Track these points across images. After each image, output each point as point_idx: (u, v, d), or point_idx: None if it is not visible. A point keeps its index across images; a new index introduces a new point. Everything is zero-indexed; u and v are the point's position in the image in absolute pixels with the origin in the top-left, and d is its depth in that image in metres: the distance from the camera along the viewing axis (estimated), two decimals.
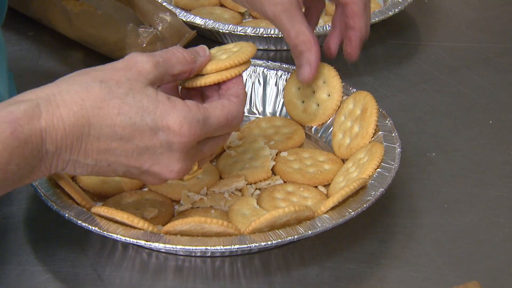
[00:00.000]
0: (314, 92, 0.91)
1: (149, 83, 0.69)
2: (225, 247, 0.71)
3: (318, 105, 0.91)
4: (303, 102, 0.91)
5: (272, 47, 1.07)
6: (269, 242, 0.72)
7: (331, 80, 0.90)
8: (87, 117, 0.66)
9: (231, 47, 0.78)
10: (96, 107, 0.66)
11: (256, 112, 0.94)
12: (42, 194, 0.76)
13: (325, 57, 0.90)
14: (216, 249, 0.71)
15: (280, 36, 1.03)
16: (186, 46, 1.00)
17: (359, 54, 0.87)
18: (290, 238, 0.72)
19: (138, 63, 0.70)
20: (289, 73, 0.93)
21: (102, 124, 0.67)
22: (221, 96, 0.75)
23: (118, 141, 0.67)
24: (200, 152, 0.72)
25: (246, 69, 0.76)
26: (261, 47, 1.07)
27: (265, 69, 0.95)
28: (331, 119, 0.90)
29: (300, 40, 0.84)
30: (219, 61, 0.75)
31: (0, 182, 0.64)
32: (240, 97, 0.74)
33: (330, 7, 1.13)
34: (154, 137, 0.68)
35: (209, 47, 0.76)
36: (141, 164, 0.69)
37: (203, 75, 0.75)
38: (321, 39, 1.06)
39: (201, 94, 0.76)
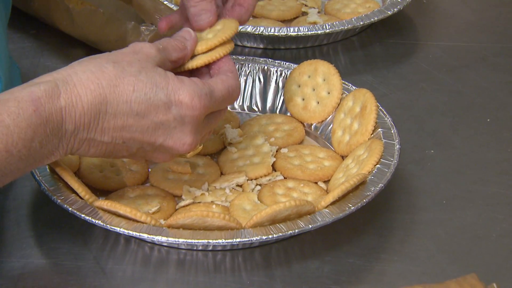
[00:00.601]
0: (314, 89, 0.92)
1: (156, 64, 0.72)
2: (226, 241, 0.72)
3: (318, 103, 0.92)
4: (303, 99, 0.92)
5: (271, 46, 1.08)
6: (270, 236, 0.73)
7: (331, 78, 0.91)
8: (104, 94, 0.69)
9: (215, 25, 0.80)
10: (112, 85, 0.69)
11: (257, 109, 0.95)
12: (46, 188, 0.76)
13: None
14: (218, 243, 0.72)
15: (280, 34, 1.04)
16: None
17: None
18: (291, 232, 0.73)
19: (144, 48, 0.73)
20: (289, 71, 0.94)
21: (119, 101, 0.69)
22: (213, 75, 0.78)
23: (134, 117, 0.70)
24: (206, 126, 0.75)
25: (232, 49, 0.79)
26: (261, 46, 1.08)
27: (266, 67, 0.96)
28: (330, 116, 0.91)
29: None
30: (207, 41, 0.78)
31: (25, 160, 0.66)
32: (234, 72, 0.77)
33: (329, 6, 1.14)
34: (168, 111, 0.71)
35: None
36: (155, 139, 0.72)
37: (192, 57, 0.78)
38: (321, 38, 1.07)
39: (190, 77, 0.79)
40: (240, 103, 0.96)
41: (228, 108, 0.93)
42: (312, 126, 0.92)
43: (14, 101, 0.66)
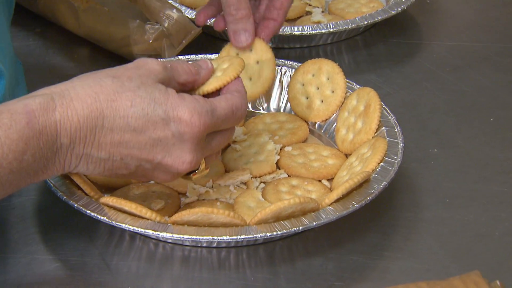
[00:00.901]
0: (318, 88, 0.92)
1: (158, 81, 0.71)
2: (231, 237, 0.73)
3: (322, 102, 0.92)
4: (307, 98, 0.93)
5: (274, 45, 1.09)
6: (275, 233, 0.73)
7: (335, 77, 0.91)
8: (101, 109, 0.68)
9: (222, 62, 0.81)
10: (109, 99, 0.68)
11: (261, 108, 0.96)
12: (52, 185, 0.77)
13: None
14: (223, 239, 0.73)
15: (284, 34, 1.05)
16: (192, 43, 1.02)
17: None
18: (295, 229, 0.74)
19: (148, 64, 0.72)
20: (293, 70, 0.95)
21: (116, 115, 0.68)
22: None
23: (131, 132, 0.69)
24: (208, 146, 0.74)
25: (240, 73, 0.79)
26: None
27: None
28: (334, 115, 0.92)
29: (238, 7, 0.87)
30: (217, 79, 0.78)
31: (16, 173, 0.66)
32: (241, 92, 0.76)
33: (333, 6, 1.15)
34: (166, 128, 0.70)
35: (214, 45, 0.79)
36: (153, 156, 0.71)
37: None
38: (325, 37, 1.08)
39: None
40: None
41: None
42: (316, 125, 0.93)
43: (7, 113, 0.65)
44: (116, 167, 0.71)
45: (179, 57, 0.97)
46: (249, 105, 0.96)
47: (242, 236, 0.73)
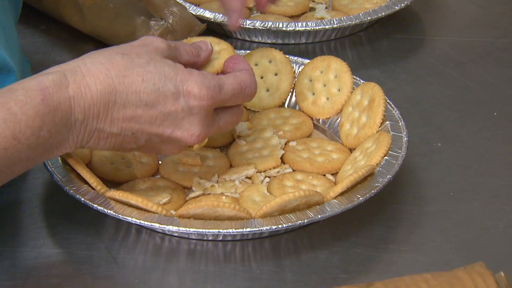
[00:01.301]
0: (325, 85, 0.93)
1: (165, 58, 0.73)
2: (237, 230, 0.73)
3: (328, 99, 0.93)
4: (313, 94, 0.93)
5: (280, 41, 1.09)
6: (280, 226, 0.74)
7: (342, 75, 0.92)
8: (113, 85, 0.70)
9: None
10: (121, 75, 0.70)
11: None
12: (58, 179, 0.78)
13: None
14: (228, 232, 0.73)
15: (288, 29, 1.05)
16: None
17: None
18: (300, 222, 0.74)
19: (154, 42, 0.74)
20: (299, 65, 0.95)
21: (128, 91, 0.70)
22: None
23: (143, 107, 0.71)
24: (216, 123, 0.76)
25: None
26: (269, 41, 1.09)
27: None
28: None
29: None
30: (213, 63, 0.82)
31: (34, 149, 0.67)
32: (248, 69, 0.78)
33: (337, 2, 1.15)
34: (176, 102, 0.72)
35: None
36: (163, 130, 0.72)
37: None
38: (328, 33, 1.08)
39: None
40: None
41: None
42: (320, 120, 0.93)
43: (22, 90, 0.67)
44: (126, 142, 0.73)
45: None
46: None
47: (248, 229, 0.73)
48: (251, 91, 0.77)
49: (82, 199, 0.76)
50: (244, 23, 1.06)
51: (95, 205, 0.75)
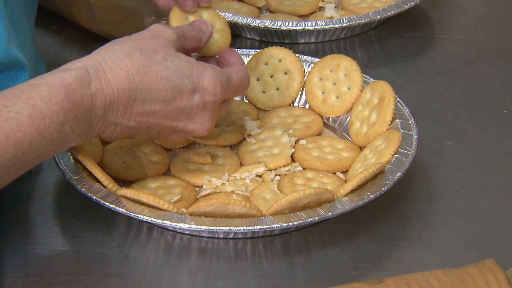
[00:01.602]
0: (335, 84, 0.93)
1: (176, 50, 0.76)
2: (248, 228, 0.73)
3: (338, 97, 0.93)
4: (323, 93, 0.94)
5: (289, 40, 1.10)
6: (291, 223, 0.74)
7: (352, 74, 0.92)
8: (134, 82, 0.72)
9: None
10: (141, 73, 0.72)
11: None
12: (70, 177, 0.78)
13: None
14: (239, 230, 0.73)
15: (298, 29, 1.05)
16: None
17: None
18: (311, 219, 0.74)
19: (165, 33, 0.76)
20: (308, 64, 0.96)
21: (148, 88, 0.72)
22: (222, 67, 0.81)
23: (162, 103, 0.73)
24: (219, 113, 0.79)
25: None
26: (276, 40, 1.09)
27: None
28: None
29: None
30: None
31: (57, 143, 0.69)
32: (243, 64, 0.82)
33: (346, 1, 1.15)
34: (192, 97, 0.74)
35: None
36: (177, 124, 0.75)
37: None
38: (338, 32, 1.08)
39: None
40: None
41: (246, 101, 0.95)
42: (330, 118, 0.93)
43: (45, 86, 0.69)
44: (139, 133, 0.75)
45: None
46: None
47: (259, 227, 0.74)
48: (247, 84, 0.80)
49: (94, 197, 0.76)
50: (254, 23, 1.06)
51: (107, 203, 0.75)
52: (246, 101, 0.96)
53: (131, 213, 0.74)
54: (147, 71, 0.72)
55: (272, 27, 1.06)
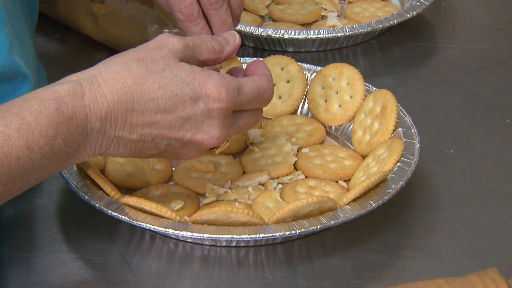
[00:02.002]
0: (337, 92, 0.93)
1: (180, 60, 0.73)
2: (250, 236, 0.73)
3: (340, 106, 0.93)
4: (326, 101, 0.94)
5: (292, 49, 1.10)
6: (293, 232, 0.74)
7: (355, 83, 0.92)
8: (130, 93, 0.70)
9: None
10: (137, 83, 0.70)
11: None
12: (73, 185, 0.78)
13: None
14: (242, 238, 0.73)
15: (300, 37, 1.06)
16: None
17: None
18: (314, 228, 0.74)
19: (169, 43, 0.73)
20: (311, 73, 0.96)
21: (145, 98, 0.70)
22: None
23: (162, 113, 0.71)
24: (236, 125, 0.76)
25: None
26: (279, 49, 1.10)
27: None
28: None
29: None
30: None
31: (48, 158, 0.67)
32: (268, 75, 0.78)
33: (349, 10, 1.16)
34: (195, 105, 0.72)
35: None
36: (183, 134, 0.72)
37: None
38: (340, 41, 1.09)
39: None
40: None
41: None
42: (333, 127, 0.94)
43: (36, 99, 0.67)
44: (146, 148, 0.73)
45: None
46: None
47: (261, 235, 0.74)
48: (268, 96, 0.77)
49: (97, 205, 0.76)
50: (257, 31, 1.06)
51: (110, 211, 0.75)
52: None
53: (134, 221, 0.75)
54: (143, 81, 0.70)
55: (275, 35, 1.06)
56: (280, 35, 1.06)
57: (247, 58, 0.98)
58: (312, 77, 0.95)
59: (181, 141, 0.73)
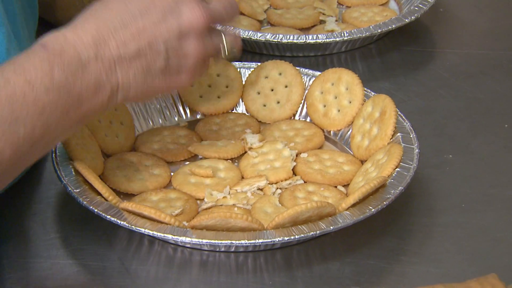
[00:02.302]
0: (336, 97, 0.93)
1: None
2: (249, 241, 0.73)
3: (339, 111, 0.93)
4: (324, 106, 0.94)
5: (290, 54, 1.10)
6: (292, 237, 0.74)
7: (354, 88, 0.92)
8: (105, 18, 0.72)
9: None
10: (106, 8, 0.73)
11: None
12: (72, 190, 0.78)
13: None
14: (241, 243, 0.73)
15: (299, 42, 1.06)
16: None
17: None
18: (312, 233, 0.74)
19: None
20: (309, 78, 0.96)
21: (118, 13, 0.73)
22: None
23: (140, 17, 0.73)
24: (211, 42, 0.78)
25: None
26: (277, 53, 1.10)
27: None
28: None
29: None
30: None
31: (55, 92, 0.68)
32: None
33: (347, 14, 1.16)
34: None
35: None
36: (170, 25, 0.74)
37: None
38: (339, 45, 1.09)
39: None
40: None
41: (248, 114, 0.95)
42: (331, 132, 0.93)
43: (23, 53, 0.70)
44: (152, 61, 0.74)
45: None
46: None
47: (260, 240, 0.74)
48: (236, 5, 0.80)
49: (95, 210, 0.76)
50: (255, 36, 1.06)
51: (108, 216, 0.75)
52: (247, 114, 0.96)
53: (133, 226, 0.74)
54: (109, 4, 0.73)
55: (273, 40, 1.06)
56: (279, 40, 1.06)
57: (245, 63, 0.98)
58: (311, 82, 0.95)
59: (174, 33, 0.75)
